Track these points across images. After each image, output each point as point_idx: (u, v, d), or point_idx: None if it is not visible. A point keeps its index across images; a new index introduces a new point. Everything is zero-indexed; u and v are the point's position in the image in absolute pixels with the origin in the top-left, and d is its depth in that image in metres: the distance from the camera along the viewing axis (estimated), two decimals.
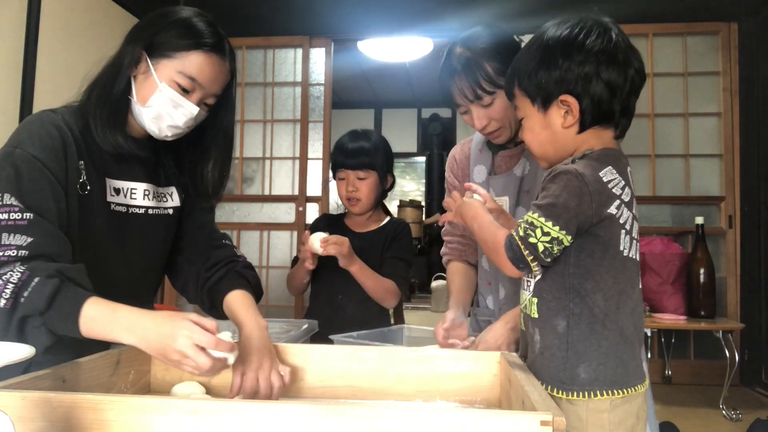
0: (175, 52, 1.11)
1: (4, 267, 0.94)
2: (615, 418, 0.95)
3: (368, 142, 1.85)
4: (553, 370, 0.96)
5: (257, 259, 4.26)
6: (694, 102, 3.92)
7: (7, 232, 0.96)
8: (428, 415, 0.66)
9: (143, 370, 1.06)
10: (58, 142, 1.07)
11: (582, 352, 0.95)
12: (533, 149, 1.06)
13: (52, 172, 1.04)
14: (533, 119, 1.03)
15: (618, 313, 0.96)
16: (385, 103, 7.27)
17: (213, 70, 1.14)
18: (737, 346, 3.36)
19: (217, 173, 1.27)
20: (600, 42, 0.96)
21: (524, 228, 0.93)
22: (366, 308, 1.80)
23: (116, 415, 0.69)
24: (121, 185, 1.18)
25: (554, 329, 0.97)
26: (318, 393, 1.06)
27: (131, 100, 1.14)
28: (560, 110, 1.00)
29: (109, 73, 1.14)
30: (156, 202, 1.24)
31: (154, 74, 1.11)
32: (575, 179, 0.92)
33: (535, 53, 1.01)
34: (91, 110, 1.12)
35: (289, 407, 0.68)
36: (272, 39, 4.28)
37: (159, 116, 1.13)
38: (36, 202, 1.00)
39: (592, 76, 0.96)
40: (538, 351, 0.99)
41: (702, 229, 3.30)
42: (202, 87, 1.13)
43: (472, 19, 3.87)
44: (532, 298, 1.00)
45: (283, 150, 4.30)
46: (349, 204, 1.87)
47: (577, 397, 0.94)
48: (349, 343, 1.29)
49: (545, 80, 0.99)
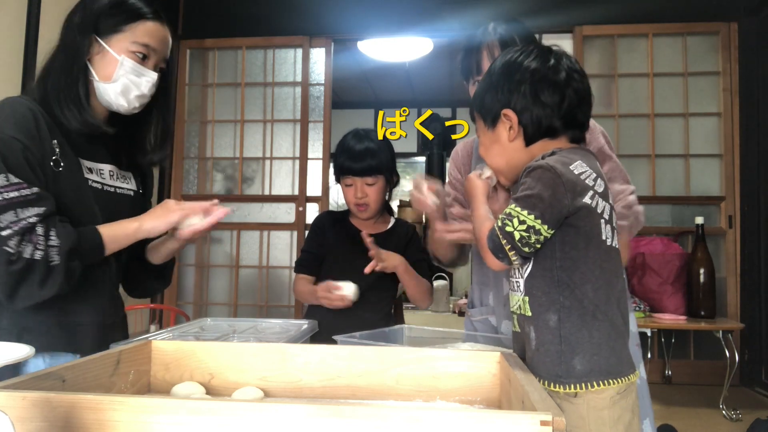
0: (125, 25, 1.22)
1: (29, 232, 1.08)
2: (614, 414, 0.96)
3: (373, 144, 1.80)
4: (549, 365, 0.98)
5: (257, 259, 4.26)
6: (694, 102, 3.93)
7: (22, 206, 1.09)
8: (428, 415, 0.66)
9: (143, 370, 1.06)
10: (31, 123, 1.15)
11: (575, 344, 0.97)
12: (489, 164, 1.14)
13: (30, 150, 1.13)
14: (486, 137, 1.12)
15: (608, 303, 0.98)
16: (385, 103, 7.28)
17: (159, 33, 1.25)
18: (737, 346, 3.36)
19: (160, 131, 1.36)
20: (536, 63, 1.06)
21: (502, 219, 0.97)
22: (374, 312, 1.79)
23: (116, 415, 0.69)
24: (92, 165, 1.27)
25: (547, 324, 0.98)
26: (318, 393, 1.06)
27: (92, 81, 1.23)
28: (505, 125, 1.08)
29: (62, 61, 1.22)
30: (121, 182, 1.34)
31: (111, 51, 1.21)
32: (548, 172, 0.97)
33: (486, 78, 1.12)
34: (53, 98, 1.20)
35: (289, 407, 0.68)
36: (272, 39, 4.29)
37: (126, 88, 1.23)
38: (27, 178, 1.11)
39: (528, 94, 1.05)
40: (534, 348, 1.00)
41: (702, 229, 3.31)
42: (155, 51, 1.25)
43: (472, 19, 3.87)
44: (524, 297, 1.02)
45: (283, 150, 4.30)
46: (357, 210, 1.83)
47: (573, 390, 0.96)
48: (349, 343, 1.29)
49: (490, 100, 1.09)
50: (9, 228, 1.07)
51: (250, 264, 4.28)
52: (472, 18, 3.89)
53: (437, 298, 4.19)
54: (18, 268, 1.07)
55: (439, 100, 6.88)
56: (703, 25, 3.91)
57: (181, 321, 3.28)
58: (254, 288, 4.28)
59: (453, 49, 5.03)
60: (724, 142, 3.86)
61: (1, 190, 1.08)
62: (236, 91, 4.37)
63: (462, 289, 5.11)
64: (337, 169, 1.85)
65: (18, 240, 1.07)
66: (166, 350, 1.09)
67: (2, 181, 1.08)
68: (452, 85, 6.39)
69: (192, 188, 4.36)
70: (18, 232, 1.07)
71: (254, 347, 1.09)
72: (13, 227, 1.07)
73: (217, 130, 4.38)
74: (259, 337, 1.43)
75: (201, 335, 1.43)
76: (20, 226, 1.08)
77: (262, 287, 4.25)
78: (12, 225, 1.07)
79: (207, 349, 1.09)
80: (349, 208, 1.88)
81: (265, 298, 4.24)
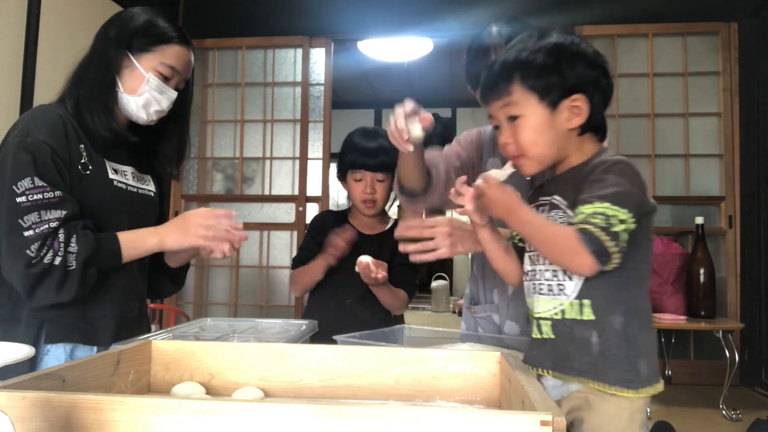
0: (155, 46, 1.30)
1: (51, 237, 1.14)
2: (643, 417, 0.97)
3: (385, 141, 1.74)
4: (618, 370, 0.93)
5: (257, 259, 4.26)
6: (694, 102, 3.92)
7: (45, 209, 1.15)
8: (428, 415, 0.66)
9: (143, 370, 1.06)
10: (60, 129, 1.22)
11: (639, 346, 0.94)
12: (530, 150, 1.01)
13: (58, 155, 1.20)
14: (537, 118, 1.00)
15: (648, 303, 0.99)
16: (385, 103, 7.27)
17: (185, 57, 1.34)
18: (737, 346, 3.35)
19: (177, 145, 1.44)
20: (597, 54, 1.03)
21: (602, 218, 0.89)
22: (374, 312, 1.80)
23: (116, 415, 0.69)
24: (117, 167, 1.35)
25: (612, 327, 0.94)
26: (318, 393, 1.06)
27: (118, 92, 1.31)
28: (570, 110, 1.00)
29: (95, 71, 1.30)
30: (141, 184, 1.41)
31: (140, 68, 1.29)
32: (629, 167, 0.94)
33: (547, 51, 1.00)
34: (84, 105, 1.28)
35: (289, 407, 0.68)
36: (272, 39, 4.29)
37: (148, 102, 1.31)
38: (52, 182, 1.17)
39: (598, 81, 1.00)
40: (597, 353, 0.95)
41: (702, 229, 3.30)
42: (178, 73, 1.33)
43: (472, 19, 3.88)
44: (581, 301, 0.95)
45: (283, 150, 4.30)
46: (364, 206, 1.83)
47: (643, 394, 0.93)
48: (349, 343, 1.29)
49: (558, 79, 0.99)
50: (32, 229, 1.13)
51: (250, 264, 4.28)
52: (472, 18, 3.89)
53: (437, 298, 4.19)
54: (37, 271, 1.12)
55: (439, 100, 6.87)
56: (703, 25, 3.91)
57: (182, 321, 3.28)
58: (254, 288, 4.28)
59: (453, 49, 5.04)
60: (724, 142, 3.86)
61: (27, 192, 1.14)
62: (236, 91, 4.37)
63: (462, 289, 5.11)
64: (347, 165, 1.83)
65: (40, 244, 1.13)
66: (166, 350, 1.09)
67: (29, 183, 1.15)
68: (452, 85, 6.39)
69: (192, 188, 4.35)
70: (41, 235, 1.13)
71: (254, 347, 1.09)
72: (35, 228, 1.13)
73: (217, 130, 4.38)
74: (259, 337, 1.43)
75: (201, 335, 1.43)
76: (42, 229, 1.13)
77: (262, 287, 4.25)
78: (35, 226, 1.13)
79: (207, 349, 1.09)
80: (354, 204, 1.87)
81: (265, 298, 4.24)
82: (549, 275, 0.99)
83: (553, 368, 0.99)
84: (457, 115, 6.96)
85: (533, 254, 1.04)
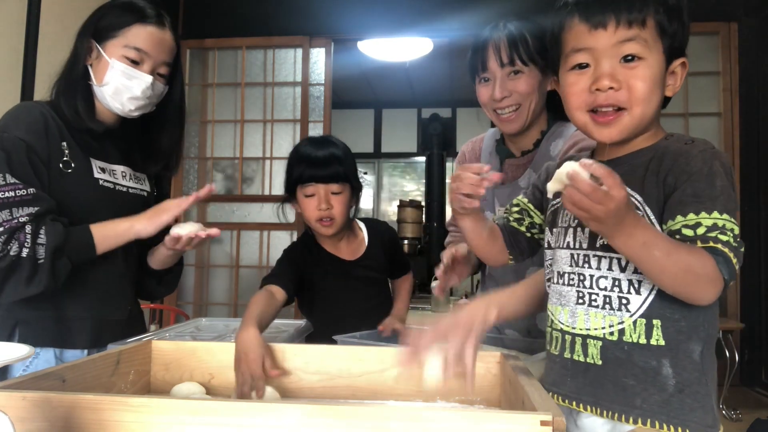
0: (118, 30, 1.24)
1: (19, 230, 1.11)
2: None
3: (337, 149, 1.53)
4: (701, 412, 0.77)
5: (257, 259, 4.26)
6: (694, 102, 3.92)
7: (17, 206, 1.12)
8: (428, 415, 0.66)
9: (143, 370, 1.06)
10: (40, 125, 1.20)
11: (712, 381, 0.79)
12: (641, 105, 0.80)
13: (36, 152, 1.17)
14: (657, 69, 0.80)
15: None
16: (385, 103, 7.28)
17: (154, 38, 1.26)
18: (737, 346, 3.35)
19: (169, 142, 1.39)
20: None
21: (730, 236, 0.73)
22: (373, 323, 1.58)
23: (116, 415, 0.69)
24: (104, 165, 1.31)
25: (690, 357, 0.77)
26: (318, 393, 1.06)
27: (92, 85, 1.27)
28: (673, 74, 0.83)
29: (68, 65, 1.28)
30: (134, 183, 1.38)
31: (104, 55, 1.24)
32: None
33: None
34: (61, 100, 1.25)
35: (289, 407, 0.68)
36: (272, 39, 4.28)
37: (117, 91, 1.25)
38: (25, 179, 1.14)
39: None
40: (673, 389, 0.77)
41: None
42: (149, 56, 1.25)
43: (472, 19, 3.87)
44: (654, 321, 0.78)
45: (283, 150, 4.30)
46: (321, 225, 1.52)
47: None
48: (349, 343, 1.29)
49: (681, 31, 0.81)
50: (1, 226, 1.11)
51: (250, 264, 4.27)
52: (472, 18, 3.88)
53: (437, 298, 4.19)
54: (3, 265, 1.10)
55: (439, 100, 6.87)
56: (703, 25, 3.91)
57: (181, 321, 3.28)
58: (254, 288, 4.23)
59: (453, 49, 5.04)
60: (724, 142, 3.86)
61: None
62: (236, 91, 4.36)
63: (462, 289, 5.11)
64: (294, 180, 1.54)
65: (6, 238, 1.10)
66: (166, 350, 1.09)
67: (0, 180, 1.12)
68: (452, 85, 6.39)
69: (192, 188, 4.35)
70: (8, 230, 1.11)
71: None
72: (5, 225, 1.11)
73: (217, 130, 4.37)
74: None
75: (197, 335, 1.43)
76: (11, 225, 1.11)
77: None
78: (5, 223, 1.11)
79: (207, 349, 1.09)
80: (309, 225, 1.58)
81: None
82: (607, 283, 0.81)
83: (597, 403, 0.82)
84: (457, 115, 6.96)
85: (579, 253, 0.84)
